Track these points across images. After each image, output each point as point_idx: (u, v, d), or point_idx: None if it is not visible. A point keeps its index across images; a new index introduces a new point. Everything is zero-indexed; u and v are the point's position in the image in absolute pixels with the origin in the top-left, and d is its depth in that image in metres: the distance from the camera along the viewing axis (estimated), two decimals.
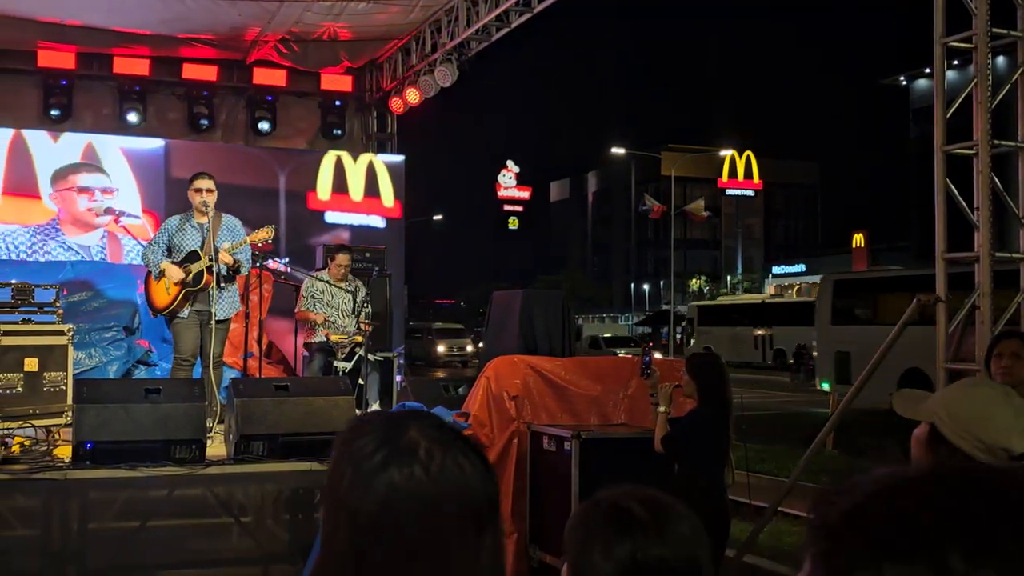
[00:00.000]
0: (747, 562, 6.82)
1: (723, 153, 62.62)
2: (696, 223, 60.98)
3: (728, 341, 37.21)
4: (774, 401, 22.21)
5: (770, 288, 69.89)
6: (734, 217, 72.15)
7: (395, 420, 1.19)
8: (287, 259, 8.97)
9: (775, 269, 70.43)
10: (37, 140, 11.66)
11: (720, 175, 66.59)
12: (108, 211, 11.66)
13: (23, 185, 11.54)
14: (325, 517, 1.18)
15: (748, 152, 66.92)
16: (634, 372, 6.70)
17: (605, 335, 37.10)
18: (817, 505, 0.87)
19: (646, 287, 73.00)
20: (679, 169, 49.79)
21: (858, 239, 58.97)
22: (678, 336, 42.96)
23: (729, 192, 68.20)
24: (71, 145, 11.83)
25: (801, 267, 68.15)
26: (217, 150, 12.72)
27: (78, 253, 11.44)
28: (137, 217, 11.77)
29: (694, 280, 65.06)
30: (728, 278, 68.53)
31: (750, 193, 69.19)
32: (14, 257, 11.08)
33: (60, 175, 11.69)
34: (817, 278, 66.33)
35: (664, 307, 56.50)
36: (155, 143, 12.29)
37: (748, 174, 67.37)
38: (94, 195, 11.76)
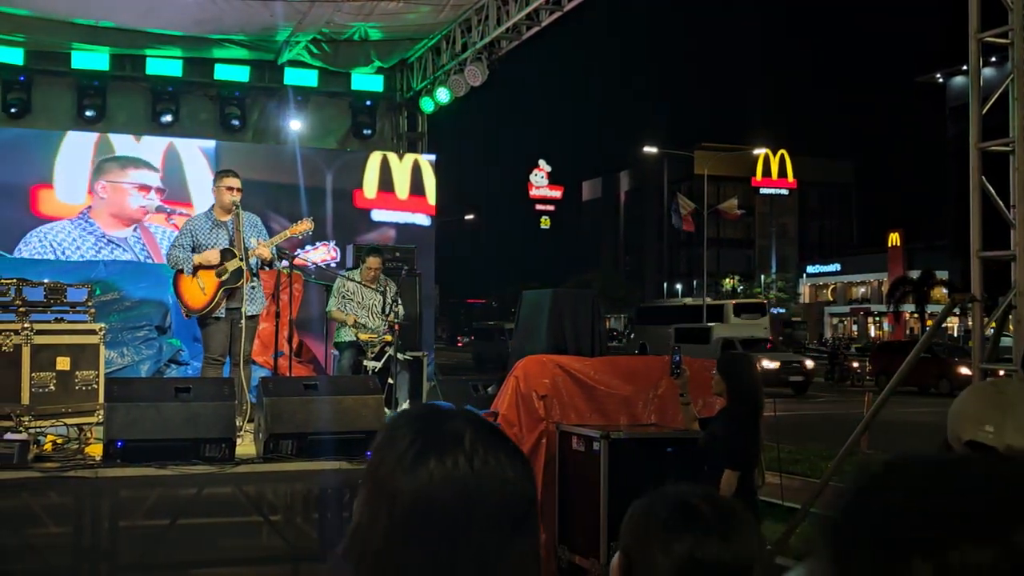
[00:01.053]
0: (778, 563, 6.75)
1: (757, 152, 62.17)
2: (730, 222, 60.61)
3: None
4: (811, 401, 22.01)
5: (804, 288, 69.37)
6: (768, 216, 71.62)
7: (442, 411, 1.19)
8: (333, 240, 8.94)
9: (809, 268, 69.90)
10: (121, 142, 11.93)
11: (754, 174, 66.17)
12: (160, 209, 11.83)
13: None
14: (363, 503, 1.17)
15: (782, 151, 66.44)
16: (664, 372, 6.65)
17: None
18: (831, 504, 0.89)
19: (679, 287, 72.65)
20: (712, 168, 49.55)
21: (894, 238, 58.34)
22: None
23: (763, 191, 67.75)
24: (152, 146, 12.13)
25: (836, 266, 67.60)
26: (264, 151, 12.87)
27: (118, 246, 11.61)
28: (188, 214, 11.90)
29: (727, 279, 64.65)
30: (762, 277, 68.05)
31: (784, 192, 68.68)
32: (58, 254, 11.28)
33: (112, 167, 11.85)
34: (854, 277, 65.94)
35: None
36: (207, 144, 12.46)
37: (782, 173, 66.88)
38: (148, 192, 11.94)
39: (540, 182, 52.76)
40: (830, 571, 0.90)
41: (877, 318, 61.51)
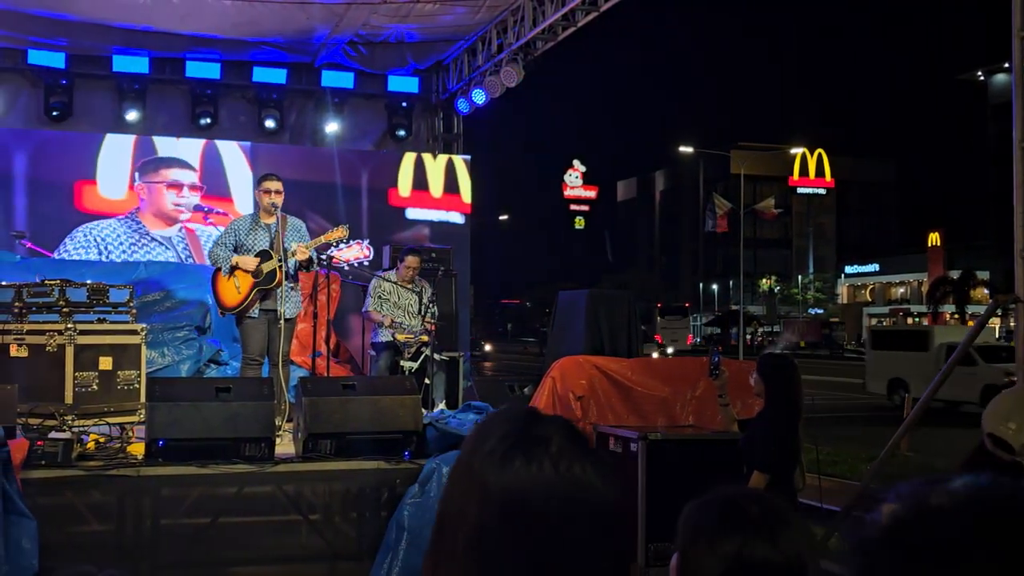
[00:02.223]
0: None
1: (794, 151, 61.64)
2: (766, 222, 60.19)
3: None
4: (850, 403, 21.82)
5: (842, 288, 68.72)
6: (805, 216, 71.03)
7: (533, 414, 1.22)
8: (367, 240, 8.99)
9: (848, 269, 69.23)
10: (162, 143, 12.11)
11: (791, 173, 65.62)
12: (197, 208, 11.98)
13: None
14: (451, 496, 1.20)
15: (820, 150, 65.84)
16: (702, 373, 6.62)
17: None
18: (858, 515, 0.92)
19: (715, 287, 72.23)
20: (749, 167, 49.21)
21: (934, 238, 57.62)
22: (748, 336, 42.36)
23: (800, 190, 67.16)
24: (191, 145, 12.28)
25: (875, 266, 66.89)
26: (300, 150, 12.99)
27: (161, 244, 11.77)
28: (226, 214, 12.03)
29: (764, 280, 64.18)
30: (799, 278, 67.48)
31: (822, 191, 68.04)
32: (102, 250, 11.45)
33: (149, 167, 12.01)
34: (893, 278, 65.24)
35: (733, 307, 55.81)
36: (243, 144, 12.59)
37: (820, 172, 66.26)
38: (181, 190, 12.07)
39: (575, 182, 52.63)
40: None
41: (917, 319, 60.81)
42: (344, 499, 5.92)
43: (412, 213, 13.09)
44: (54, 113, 12.13)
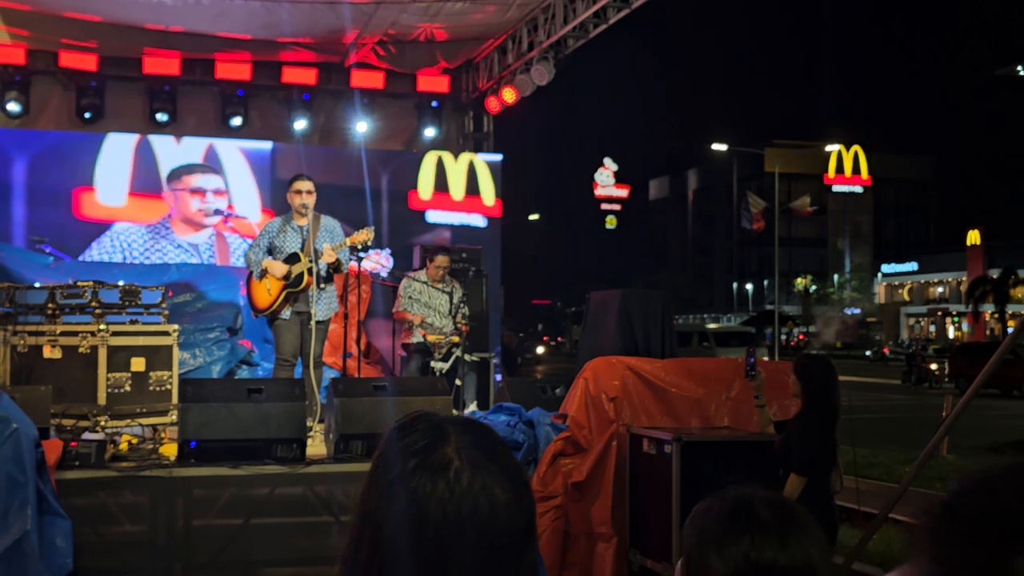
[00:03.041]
0: (856, 569, 6.57)
1: (829, 148, 61.07)
2: (802, 220, 59.70)
3: None
4: (887, 404, 21.57)
5: (879, 287, 68.03)
6: (841, 214, 70.40)
7: (436, 431, 1.18)
8: (388, 249, 9.00)
9: (885, 268, 68.56)
10: (161, 143, 12.12)
11: (826, 171, 65.05)
12: (217, 212, 12.01)
13: (148, 186, 12.01)
14: (351, 529, 1.18)
15: (856, 147, 65.21)
16: (737, 374, 6.53)
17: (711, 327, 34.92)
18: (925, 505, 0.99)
19: (749, 287, 71.77)
20: (783, 165, 48.82)
21: (973, 236, 56.88)
22: (783, 337, 41.99)
23: (836, 188, 66.58)
24: (192, 147, 12.25)
25: (913, 265, 66.16)
26: (321, 151, 12.99)
27: (188, 251, 11.82)
28: (246, 217, 12.07)
29: (799, 279, 63.68)
30: (835, 277, 66.90)
31: (858, 189, 67.40)
32: (127, 256, 11.48)
33: (176, 175, 12.09)
34: (931, 276, 64.49)
35: (768, 307, 55.42)
36: (265, 144, 12.61)
37: (856, 170, 65.63)
38: (205, 196, 12.12)
39: (606, 181, 52.45)
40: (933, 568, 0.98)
41: (956, 318, 60.06)
42: None
43: (433, 216, 13.02)
44: (86, 115, 12.23)
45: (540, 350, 45.45)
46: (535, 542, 1.16)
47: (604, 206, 53.54)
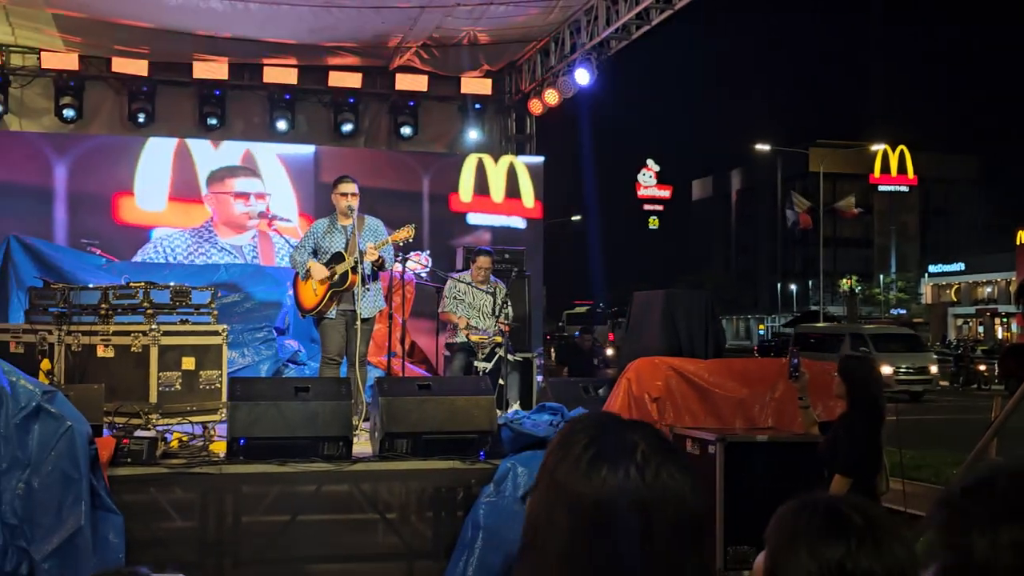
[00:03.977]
0: None
1: (875, 148, 60.27)
2: (846, 220, 59.01)
3: None
4: (935, 406, 21.29)
5: (926, 288, 67.10)
6: (887, 214, 69.43)
7: (616, 421, 1.23)
8: (427, 251, 9.12)
9: (932, 268, 67.54)
10: (199, 148, 12.29)
11: (872, 170, 64.21)
12: (261, 215, 12.16)
13: (187, 191, 12.18)
14: (540, 502, 1.21)
15: (901, 146, 64.28)
16: (781, 374, 6.50)
17: None
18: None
19: (793, 287, 71.06)
20: (828, 165, 48.36)
21: (1022, 235, 55.84)
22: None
23: (881, 188, 65.66)
24: (230, 151, 12.42)
25: (960, 265, 65.11)
26: (363, 155, 13.10)
27: (231, 253, 11.98)
28: (289, 220, 12.22)
29: (844, 280, 62.93)
30: (881, 278, 66.05)
31: (904, 189, 66.40)
32: (171, 260, 11.66)
33: (216, 177, 12.26)
34: (979, 277, 63.38)
35: (813, 308, 54.86)
36: (307, 149, 12.76)
37: (902, 169, 64.70)
38: (248, 199, 12.28)
39: (648, 182, 52.17)
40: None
41: (1005, 319, 59.01)
42: (420, 498, 5.95)
43: (473, 218, 13.10)
44: (139, 119, 12.45)
45: (610, 352, 45.21)
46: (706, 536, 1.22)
47: (647, 207, 53.24)
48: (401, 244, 7.45)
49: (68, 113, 12.27)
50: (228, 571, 5.65)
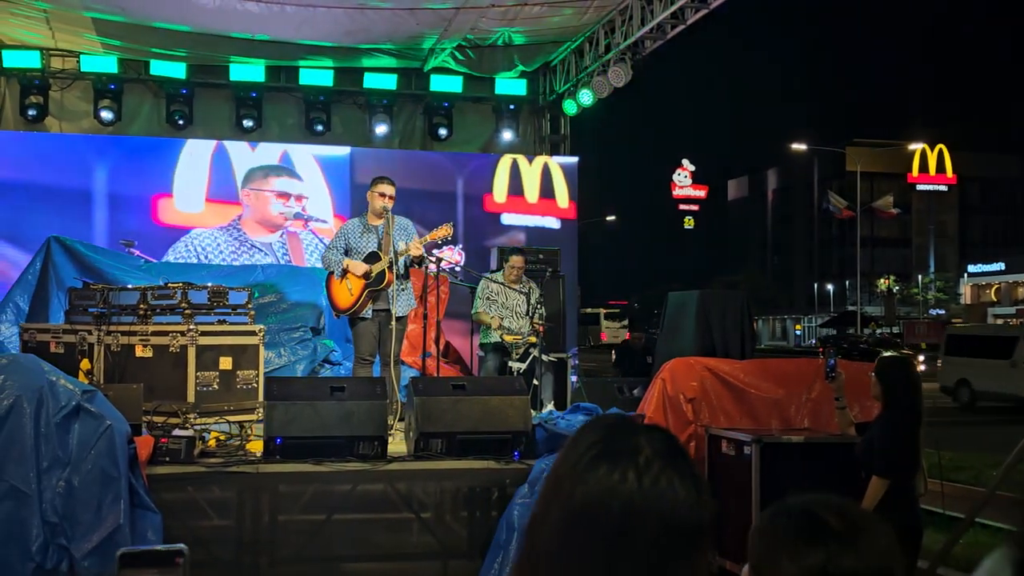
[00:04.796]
0: (940, 574, 6.45)
1: (913, 146, 59.59)
2: (884, 220, 58.38)
3: None
4: (975, 407, 21.00)
5: (966, 288, 66.25)
6: (925, 214, 68.63)
7: (629, 424, 1.23)
8: (460, 244, 9.15)
9: (971, 268, 66.69)
10: (236, 149, 12.41)
11: (910, 170, 63.49)
12: (298, 216, 12.26)
13: (224, 192, 12.31)
14: (540, 497, 1.21)
15: (940, 145, 63.51)
16: (818, 375, 6.46)
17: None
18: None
19: (830, 288, 70.42)
20: (865, 164, 47.87)
21: None
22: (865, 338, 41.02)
23: (920, 187, 64.91)
24: (267, 153, 12.53)
25: (1000, 265, 64.21)
26: (398, 156, 13.16)
27: (261, 251, 12.08)
28: (325, 221, 12.31)
29: (882, 280, 62.28)
30: (920, 278, 65.28)
31: (943, 188, 65.60)
32: (201, 259, 11.79)
33: (257, 175, 12.36)
34: (1020, 276, 62.48)
35: (850, 308, 54.34)
36: (342, 151, 12.84)
37: (940, 168, 63.89)
38: (289, 200, 12.38)
39: (683, 181, 51.92)
40: None
41: None
42: (455, 498, 5.97)
43: (507, 219, 13.11)
44: (179, 122, 12.59)
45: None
46: (709, 546, 1.20)
47: (682, 207, 52.97)
48: (440, 243, 7.50)
49: (107, 116, 12.43)
50: (265, 570, 5.69)
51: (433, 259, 7.66)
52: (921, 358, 28.38)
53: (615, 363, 18.78)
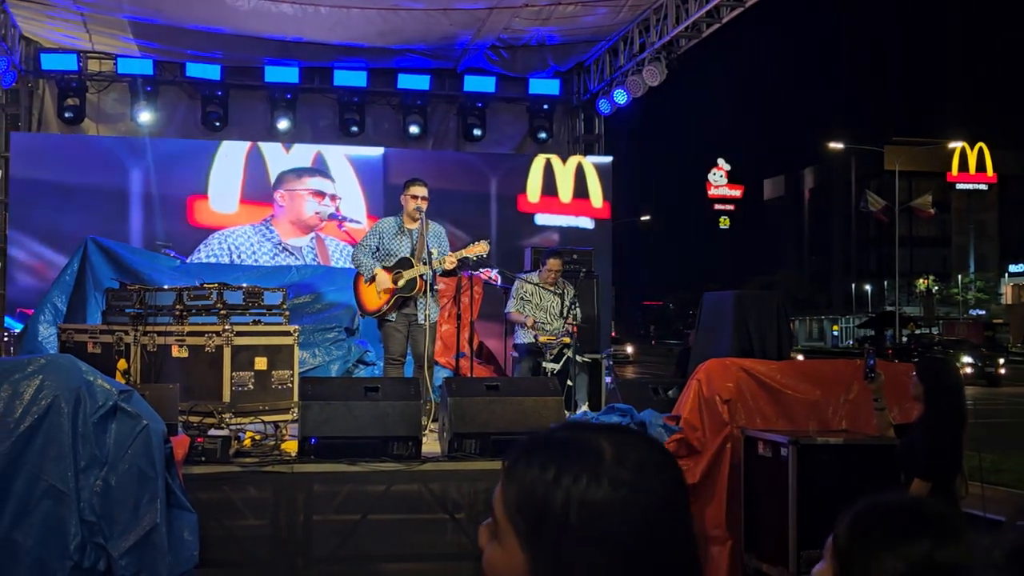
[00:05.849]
0: None
1: (952, 145, 58.79)
2: (923, 220, 57.68)
3: None
4: (1016, 409, 20.71)
5: (1006, 288, 65.30)
6: (965, 213, 67.73)
7: (581, 427, 1.24)
8: (497, 269, 9.22)
9: (1012, 267, 65.74)
10: (271, 151, 12.48)
11: (949, 168, 62.67)
12: (332, 216, 12.31)
13: (258, 193, 12.38)
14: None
15: (980, 144, 62.63)
16: (856, 376, 6.38)
17: None
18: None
19: (868, 288, 69.70)
20: (904, 163, 47.34)
21: None
22: (904, 339, 40.58)
23: (959, 186, 64.05)
24: (301, 154, 12.59)
25: None
26: (431, 157, 13.18)
27: (291, 253, 12.13)
28: (358, 222, 12.34)
29: (921, 280, 61.55)
30: (959, 277, 64.45)
31: (983, 187, 64.68)
32: (233, 259, 11.87)
33: (288, 176, 12.43)
34: None
35: (888, 309, 53.76)
36: (375, 151, 12.87)
37: (980, 167, 62.98)
38: (323, 199, 12.43)
39: (719, 181, 51.60)
40: None
41: None
42: (489, 499, 5.94)
43: (541, 219, 13.07)
44: (214, 123, 12.68)
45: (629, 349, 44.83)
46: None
47: (717, 206, 52.64)
48: (474, 258, 7.50)
49: (143, 118, 12.55)
50: (300, 569, 5.71)
51: (467, 273, 7.67)
52: (967, 359, 28.14)
53: (676, 364, 18.59)
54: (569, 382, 7.99)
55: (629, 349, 42.12)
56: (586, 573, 1.11)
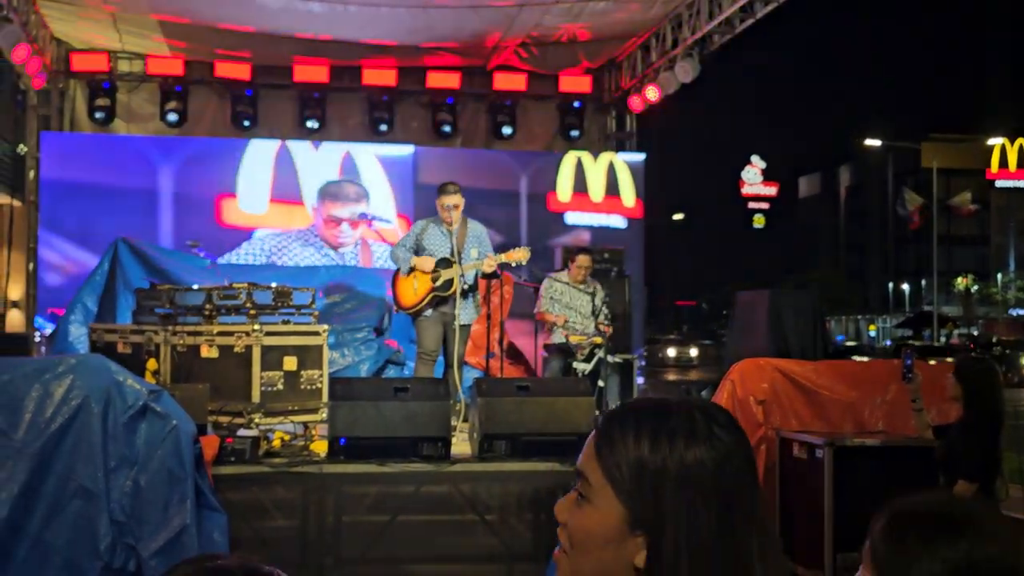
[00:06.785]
0: None
1: (992, 142, 57.94)
2: (962, 218, 56.93)
3: None
4: None
5: None
6: (1005, 211, 66.75)
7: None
8: (526, 275, 9.25)
9: None
10: (299, 149, 12.49)
11: (989, 165, 61.79)
12: (363, 216, 12.31)
13: (288, 193, 12.39)
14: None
15: (1021, 140, 61.69)
16: (893, 376, 6.26)
17: None
18: None
19: (905, 287, 68.91)
20: (942, 160, 46.75)
21: None
22: (943, 339, 40.06)
23: (999, 184, 63.12)
24: (330, 153, 12.59)
25: None
26: (461, 155, 13.15)
27: (334, 260, 12.14)
28: (388, 221, 12.33)
29: (960, 279, 60.78)
30: (999, 276, 63.56)
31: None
32: (271, 260, 11.90)
33: (326, 193, 12.43)
34: None
35: (926, 308, 53.12)
36: (405, 150, 12.86)
37: (1021, 163, 62.07)
38: (347, 205, 12.46)
39: (753, 179, 51.19)
40: None
41: None
42: (519, 500, 5.90)
43: (571, 218, 13.00)
44: (244, 123, 12.72)
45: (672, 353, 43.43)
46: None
47: (751, 205, 52.24)
48: (514, 264, 7.49)
49: (173, 117, 12.60)
50: (329, 570, 5.68)
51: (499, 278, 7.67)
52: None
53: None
54: (600, 382, 7.92)
55: (694, 352, 35.74)
56: (687, 513, 1.22)
